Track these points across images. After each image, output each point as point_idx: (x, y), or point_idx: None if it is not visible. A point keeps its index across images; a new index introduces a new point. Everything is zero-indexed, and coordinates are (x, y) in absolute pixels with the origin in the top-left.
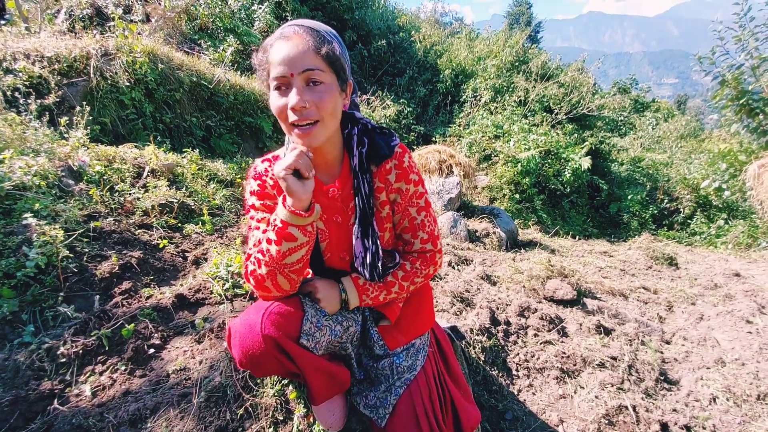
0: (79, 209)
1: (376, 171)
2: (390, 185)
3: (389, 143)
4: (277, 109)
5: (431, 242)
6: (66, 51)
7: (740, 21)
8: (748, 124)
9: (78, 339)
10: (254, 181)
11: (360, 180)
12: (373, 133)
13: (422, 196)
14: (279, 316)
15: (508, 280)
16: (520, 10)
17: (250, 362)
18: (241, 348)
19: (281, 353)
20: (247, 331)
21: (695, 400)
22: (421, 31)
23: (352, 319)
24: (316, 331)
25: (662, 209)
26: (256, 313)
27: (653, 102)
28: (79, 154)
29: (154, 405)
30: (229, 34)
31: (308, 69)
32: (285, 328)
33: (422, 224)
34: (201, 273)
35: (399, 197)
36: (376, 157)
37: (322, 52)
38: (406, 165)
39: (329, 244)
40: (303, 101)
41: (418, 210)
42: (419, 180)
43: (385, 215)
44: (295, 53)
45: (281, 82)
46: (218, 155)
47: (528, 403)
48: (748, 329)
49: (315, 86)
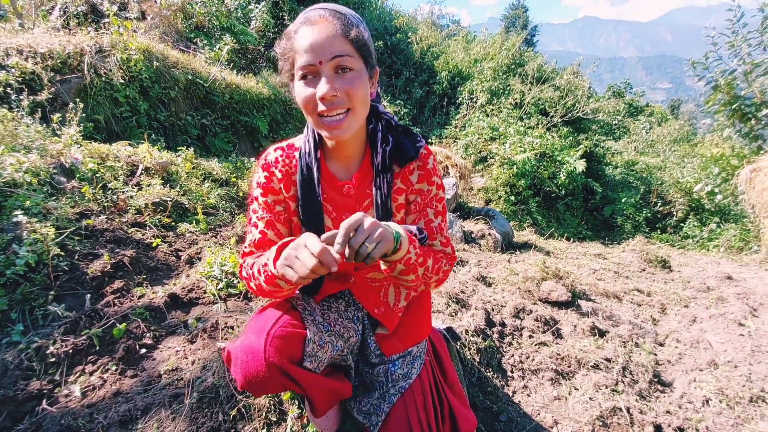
0: (71, 207)
1: (399, 172)
2: (411, 186)
3: (415, 144)
4: (303, 100)
5: (449, 246)
6: (60, 47)
7: (733, 27)
8: (740, 128)
9: (68, 338)
10: (262, 172)
11: (381, 178)
12: (399, 132)
13: (441, 200)
14: (282, 340)
15: (504, 281)
16: (517, 13)
17: (252, 387)
18: (244, 375)
19: (286, 378)
20: (250, 359)
21: (688, 402)
22: (418, 32)
23: (353, 329)
24: (319, 350)
25: (656, 212)
26: (257, 336)
27: (647, 106)
28: (71, 151)
29: (145, 406)
30: (226, 33)
31: (337, 56)
32: (289, 353)
33: (439, 228)
34: (194, 272)
35: (419, 197)
36: (401, 158)
37: (351, 36)
38: (430, 167)
39: None
40: (334, 90)
41: (436, 213)
42: (441, 185)
43: (398, 220)
44: (323, 39)
45: (308, 71)
46: (213, 154)
47: (523, 404)
48: (740, 332)
49: (344, 73)
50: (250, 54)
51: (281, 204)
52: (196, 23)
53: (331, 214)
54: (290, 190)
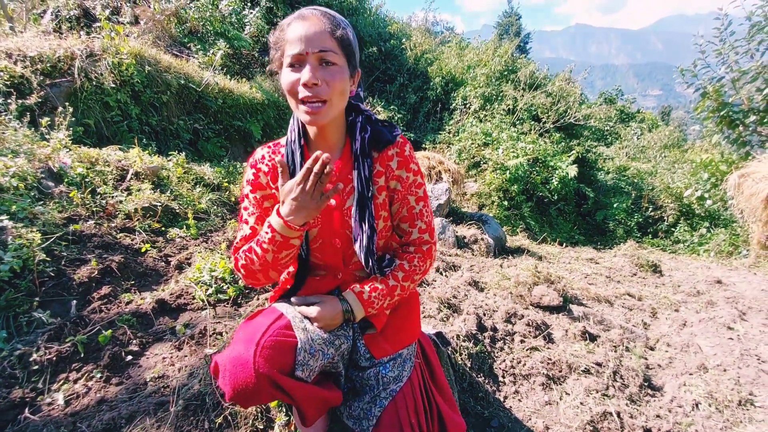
0: (59, 212)
1: (378, 156)
2: (391, 172)
3: (392, 132)
4: (288, 84)
5: (428, 233)
6: (50, 51)
7: (721, 35)
8: (729, 135)
9: (52, 345)
10: (250, 169)
11: (360, 163)
12: (376, 123)
13: (421, 186)
14: (272, 350)
15: (496, 286)
16: (510, 21)
17: (241, 399)
18: (233, 387)
19: (276, 389)
20: (239, 370)
21: (678, 406)
22: (412, 39)
23: (343, 335)
24: (310, 358)
25: (647, 217)
26: (246, 347)
27: (638, 112)
28: (60, 155)
29: (129, 414)
30: (220, 38)
31: (323, 50)
32: (279, 363)
33: (420, 214)
34: (184, 278)
35: (399, 185)
36: (379, 143)
37: (337, 35)
38: (407, 154)
39: (321, 229)
40: (315, 78)
41: (417, 199)
42: (419, 170)
43: (381, 201)
44: (312, 33)
45: (296, 60)
46: (205, 159)
47: (514, 409)
48: (730, 335)
49: (327, 66)
50: (243, 59)
51: (269, 199)
52: (190, 28)
53: None
54: (277, 182)
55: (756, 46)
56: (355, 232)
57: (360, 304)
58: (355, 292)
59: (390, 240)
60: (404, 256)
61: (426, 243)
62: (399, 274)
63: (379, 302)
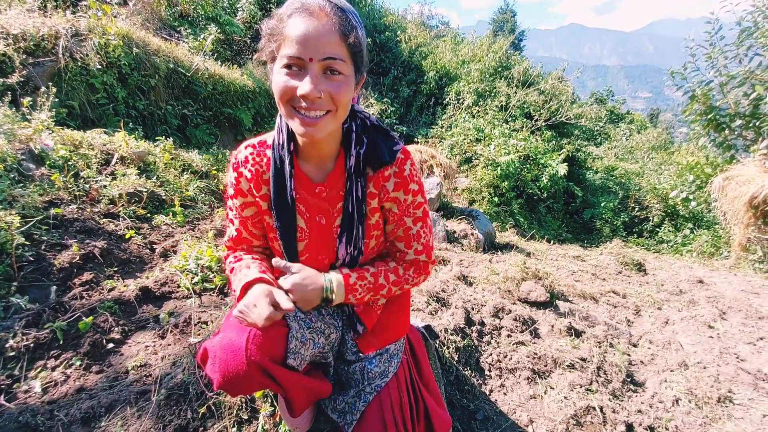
0: (39, 195)
1: (373, 176)
2: (387, 194)
3: (391, 147)
4: (282, 90)
5: (425, 254)
6: (33, 29)
7: (711, 39)
8: (715, 138)
9: (29, 331)
10: (232, 172)
11: (353, 183)
12: (374, 133)
13: (420, 206)
14: (264, 338)
15: (484, 281)
16: (505, 17)
17: (231, 387)
18: (222, 374)
19: (266, 377)
20: (230, 357)
21: (659, 402)
22: (407, 31)
23: (333, 325)
24: (301, 347)
25: (633, 217)
26: (238, 333)
27: (628, 114)
28: (42, 137)
29: (109, 403)
30: (211, 22)
31: (330, 57)
32: (271, 351)
33: (417, 235)
34: (169, 266)
35: (395, 206)
36: (375, 162)
37: (350, 41)
38: (407, 173)
39: (308, 244)
40: (318, 91)
41: (415, 220)
42: (419, 189)
43: (374, 223)
44: (319, 35)
45: (294, 63)
46: (194, 146)
47: (499, 403)
48: (710, 334)
49: (332, 75)
50: (235, 45)
51: (251, 207)
52: (181, 11)
53: (304, 214)
54: (261, 189)
55: (745, 51)
56: (341, 254)
57: (343, 288)
58: (342, 273)
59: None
60: (401, 263)
61: (423, 262)
62: (391, 276)
63: (362, 292)
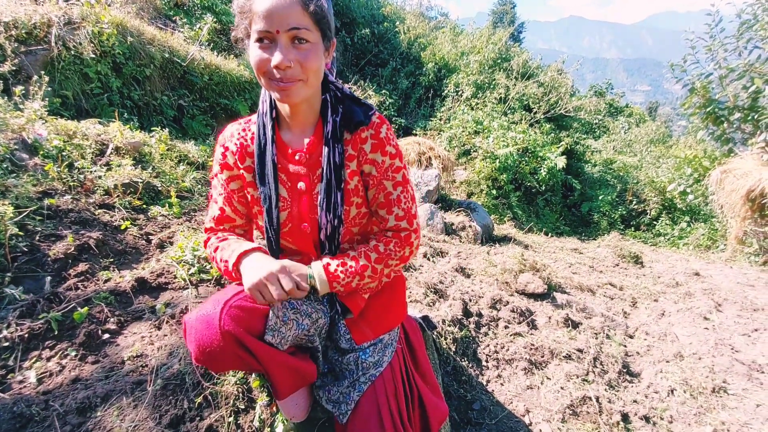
0: (33, 185)
1: (350, 138)
2: (365, 155)
3: (366, 112)
4: (257, 63)
5: (407, 220)
6: (25, 17)
7: (711, 31)
8: (713, 131)
9: (24, 322)
10: (219, 148)
11: (331, 148)
12: (348, 102)
13: (399, 170)
14: (240, 310)
15: (482, 273)
16: (504, 9)
17: (207, 358)
18: (197, 345)
19: (243, 350)
20: (204, 327)
21: (654, 392)
22: (405, 22)
23: (321, 311)
24: (282, 325)
25: (630, 210)
26: (214, 306)
27: (626, 107)
28: (35, 126)
29: (105, 393)
30: (207, 12)
31: (295, 27)
32: (247, 324)
33: (398, 200)
34: (165, 257)
35: (374, 169)
36: (350, 124)
37: (311, 9)
38: (383, 136)
39: (290, 213)
40: (288, 61)
41: (394, 184)
42: (396, 153)
43: (352, 187)
44: (283, 8)
45: (264, 36)
46: (190, 137)
47: (496, 393)
48: (705, 325)
49: (300, 44)
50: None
51: (236, 180)
52: (176, 1)
53: (285, 183)
54: (245, 161)
55: (744, 43)
56: (322, 221)
57: (325, 277)
58: (322, 263)
59: (368, 225)
60: (381, 238)
61: (404, 230)
62: (372, 254)
63: (345, 279)
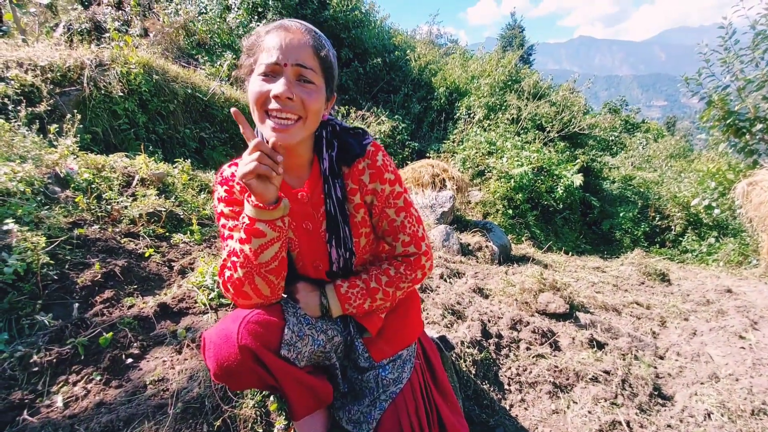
0: (64, 216)
1: (348, 172)
2: (365, 186)
3: (361, 142)
4: (256, 94)
5: (414, 244)
6: (60, 60)
7: (725, 44)
8: (735, 143)
9: (52, 347)
10: (221, 187)
11: (330, 184)
12: (344, 135)
13: (400, 195)
14: (257, 325)
15: (500, 293)
16: (513, 33)
17: (225, 374)
18: (216, 359)
19: (259, 365)
20: (223, 342)
21: (690, 416)
22: (416, 50)
23: (335, 329)
24: (298, 340)
25: (654, 227)
26: (232, 322)
27: (643, 123)
28: (67, 161)
29: (128, 416)
30: (227, 49)
31: (302, 65)
32: (264, 338)
33: (402, 226)
34: (186, 282)
35: (375, 199)
36: (347, 158)
37: (321, 54)
38: (380, 163)
39: (300, 252)
40: (290, 92)
41: (397, 211)
42: (395, 178)
43: (359, 219)
44: (294, 44)
45: (270, 70)
46: (211, 167)
47: (520, 418)
48: (741, 345)
49: (305, 84)
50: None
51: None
52: (198, 40)
53: (290, 224)
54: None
55: (761, 54)
56: (333, 257)
57: (336, 299)
58: (334, 285)
59: (378, 246)
60: (392, 262)
61: (413, 254)
62: (383, 278)
63: (357, 300)
